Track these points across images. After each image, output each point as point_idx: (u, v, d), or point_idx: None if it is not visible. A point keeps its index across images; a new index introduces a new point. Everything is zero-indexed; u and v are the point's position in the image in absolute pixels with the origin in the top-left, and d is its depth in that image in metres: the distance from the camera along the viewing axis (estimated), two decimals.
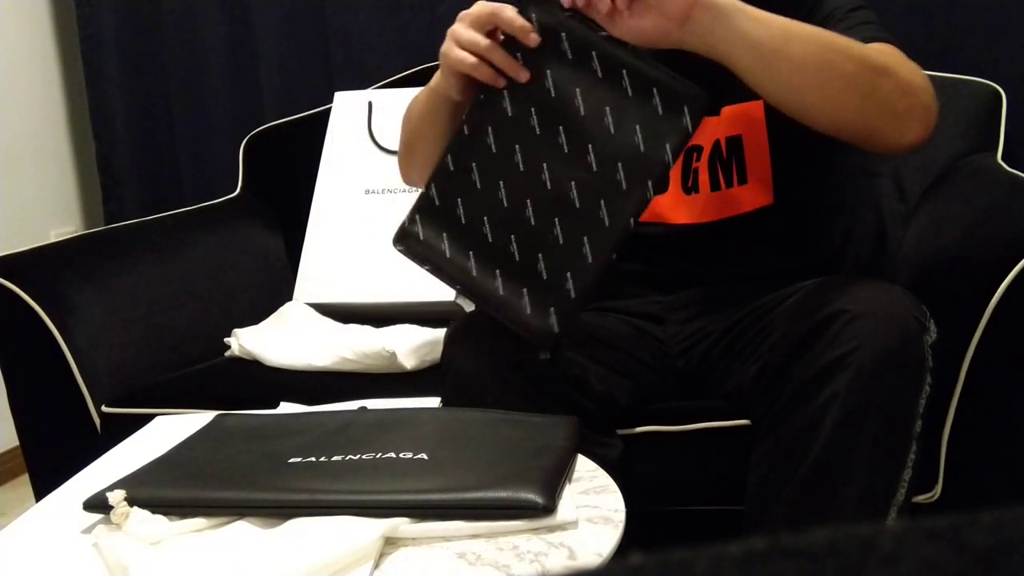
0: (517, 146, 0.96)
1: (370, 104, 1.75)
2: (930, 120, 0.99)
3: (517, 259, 0.96)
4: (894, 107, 0.97)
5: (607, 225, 0.94)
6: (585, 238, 0.94)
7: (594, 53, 0.94)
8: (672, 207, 1.18)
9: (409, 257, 1.01)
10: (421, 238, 1.00)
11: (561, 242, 0.95)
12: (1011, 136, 1.45)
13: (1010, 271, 1.04)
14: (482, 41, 0.95)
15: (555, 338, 0.95)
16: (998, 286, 1.04)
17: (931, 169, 1.44)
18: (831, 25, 1.08)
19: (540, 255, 0.95)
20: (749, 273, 1.18)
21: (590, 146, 0.94)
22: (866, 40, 1.02)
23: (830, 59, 0.94)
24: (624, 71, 0.93)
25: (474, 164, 0.98)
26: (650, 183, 0.93)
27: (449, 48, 0.97)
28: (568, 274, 0.94)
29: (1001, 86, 1.48)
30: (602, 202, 0.94)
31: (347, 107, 1.77)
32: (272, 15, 2.07)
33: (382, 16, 1.99)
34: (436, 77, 1.03)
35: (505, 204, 0.96)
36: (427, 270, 1.01)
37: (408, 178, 1.21)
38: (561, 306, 0.94)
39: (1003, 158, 1.40)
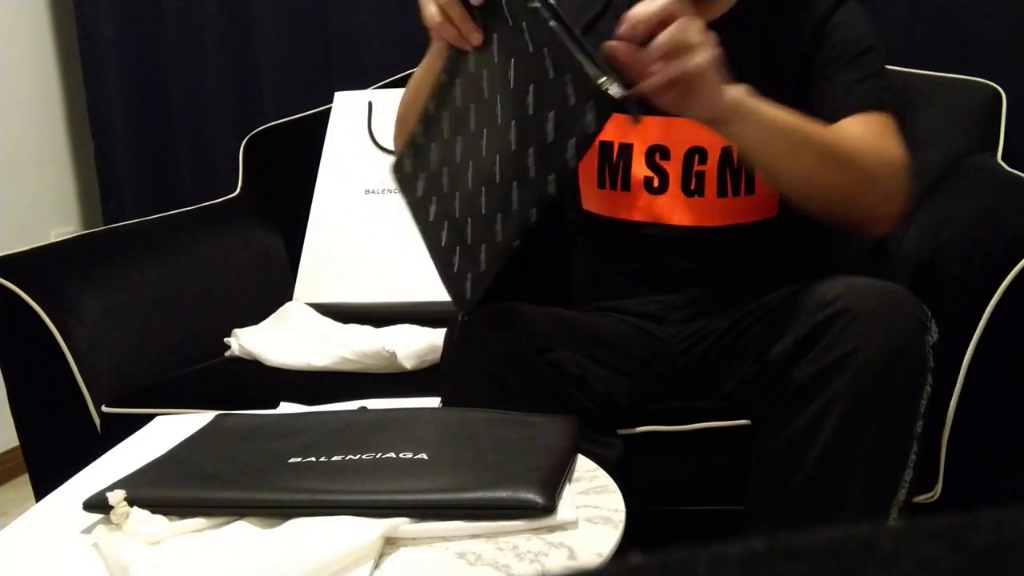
0: (472, 106, 0.94)
1: (370, 104, 1.75)
2: (900, 214, 1.06)
3: (456, 217, 0.95)
4: (874, 212, 1.04)
5: (514, 208, 0.89)
6: (499, 215, 0.90)
7: (525, 24, 0.86)
8: (671, 208, 1.18)
9: (397, 186, 1.02)
10: (405, 171, 1.01)
11: (483, 212, 0.92)
12: (1011, 136, 1.45)
13: (1010, 271, 1.04)
14: None
15: (467, 304, 0.96)
16: (998, 286, 1.04)
17: (931, 169, 1.44)
18: (833, 68, 1.12)
19: (469, 220, 0.94)
20: (749, 273, 1.18)
21: (513, 123, 0.89)
22: (864, 106, 1.08)
23: (826, 171, 0.99)
24: (546, 49, 0.84)
25: (444, 113, 0.97)
26: (550, 178, 0.86)
27: (425, 4, 0.98)
28: (483, 246, 0.92)
29: (1001, 86, 1.48)
30: (514, 184, 0.89)
31: (347, 107, 1.77)
32: (272, 15, 2.08)
33: (382, 16, 1.99)
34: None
35: (457, 160, 0.95)
36: (406, 203, 1.01)
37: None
38: (475, 275, 0.94)
39: (1003, 158, 1.40)
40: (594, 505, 0.79)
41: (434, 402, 1.06)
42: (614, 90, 0.80)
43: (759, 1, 1.19)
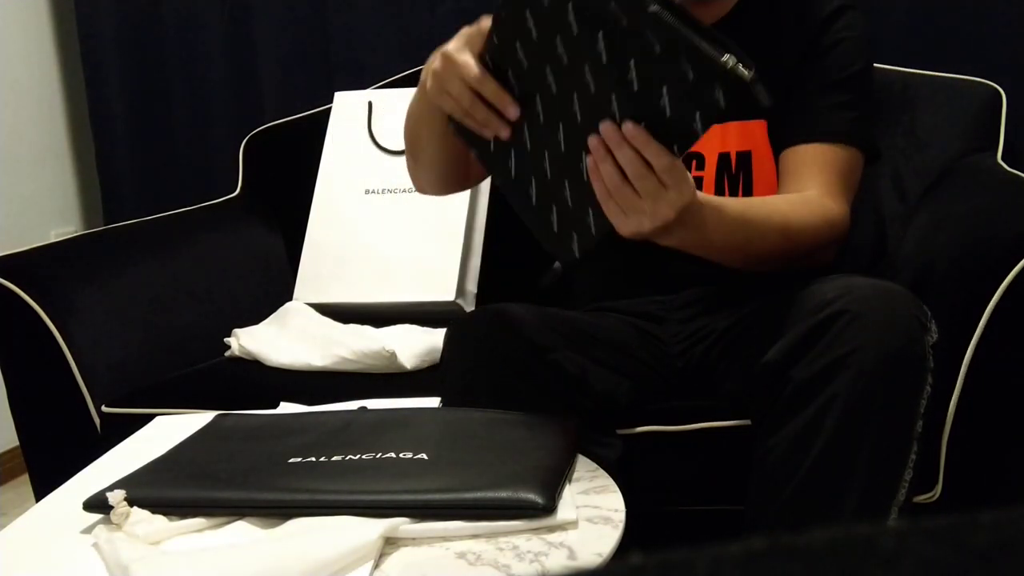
0: (548, 67, 0.89)
1: (370, 104, 1.75)
2: (829, 261, 1.12)
3: (548, 177, 0.92)
4: (805, 264, 1.08)
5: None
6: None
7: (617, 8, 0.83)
8: None
9: (459, 137, 0.98)
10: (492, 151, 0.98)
11: (585, 179, 0.89)
12: (1011, 136, 1.45)
13: (1010, 271, 1.04)
14: (466, 95, 0.91)
15: (574, 263, 0.94)
16: (998, 286, 1.04)
17: (931, 169, 1.44)
18: (816, 86, 1.14)
19: (567, 182, 0.91)
20: (749, 274, 1.18)
21: (613, 96, 0.85)
22: (832, 135, 1.11)
23: (762, 248, 1.02)
24: (649, 32, 0.82)
25: (509, 71, 0.91)
26: (674, 147, 0.84)
27: (444, 79, 0.92)
28: (589, 210, 0.90)
29: (1001, 86, 1.48)
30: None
31: (347, 107, 1.77)
32: (272, 15, 2.08)
33: (382, 16, 2.00)
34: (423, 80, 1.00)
35: (541, 120, 0.91)
36: (474, 155, 0.98)
37: (418, 184, 1.16)
38: (583, 235, 0.92)
39: (1003, 158, 1.40)
40: (594, 505, 0.79)
41: (434, 402, 1.06)
42: (742, 71, 0.78)
43: (756, 5, 1.19)
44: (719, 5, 1.19)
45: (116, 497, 0.76)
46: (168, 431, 1.02)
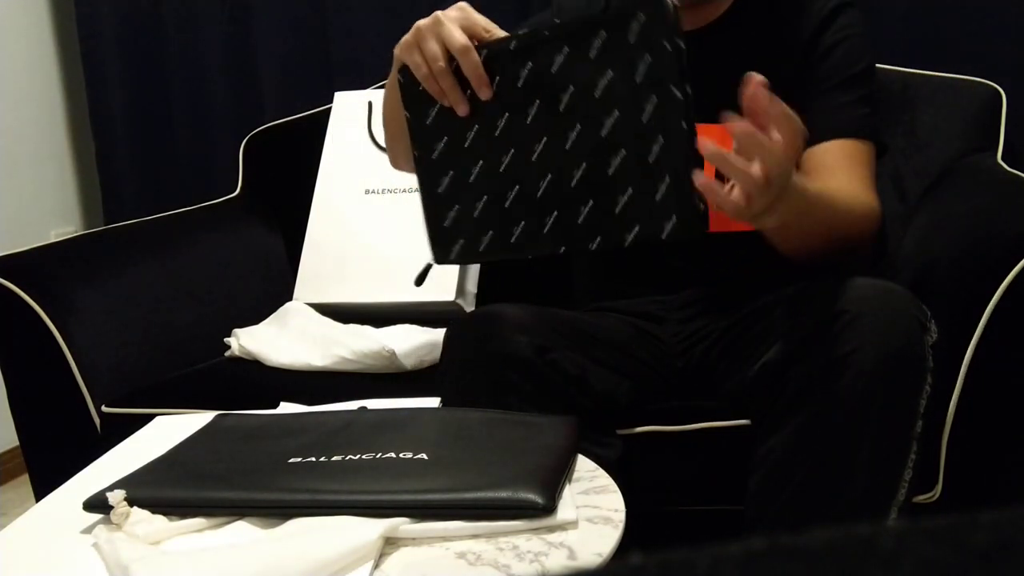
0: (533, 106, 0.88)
1: (370, 104, 1.75)
2: (866, 259, 1.12)
3: (471, 180, 0.91)
4: (844, 259, 1.08)
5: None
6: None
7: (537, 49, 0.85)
8: None
9: (402, 92, 0.95)
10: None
11: (529, 198, 0.88)
12: (1011, 136, 1.45)
13: (1010, 271, 1.04)
14: (441, 58, 0.89)
15: (444, 264, 0.94)
16: (998, 286, 1.04)
17: (931, 169, 1.44)
18: (825, 85, 1.14)
19: (488, 196, 0.91)
20: (749, 274, 1.18)
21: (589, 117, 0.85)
22: (845, 132, 1.11)
23: (834, 230, 1.02)
24: (569, 32, 0.83)
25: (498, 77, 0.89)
26: (595, 242, 0.85)
27: (423, 38, 0.91)
28: (491, 232, 0.90)
29: (1001, 86, 1.48)
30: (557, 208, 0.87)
31: (347, 107, 1.77)
32: (272, 15, 2.08)
33: (382, 16, 2.00)
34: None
35: (498, 130, 0.90)
36: (405, 117, 0.95)
37: (396, 163, 1.15)
38: (468, 247, 0.92)
39: (1003, 158, 1.40)
40: (594, 505, 0.79)
41: (434, 402, 1.06)
42: (699, 212, 0.80)
43: (754, 4, 1.19)
44: (714, 6, 1.20)
45: (116, 497, 0.76)
46: (168, 431, 1.02)
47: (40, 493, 1.39)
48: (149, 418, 1.13)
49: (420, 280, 1.03)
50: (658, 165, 0.81)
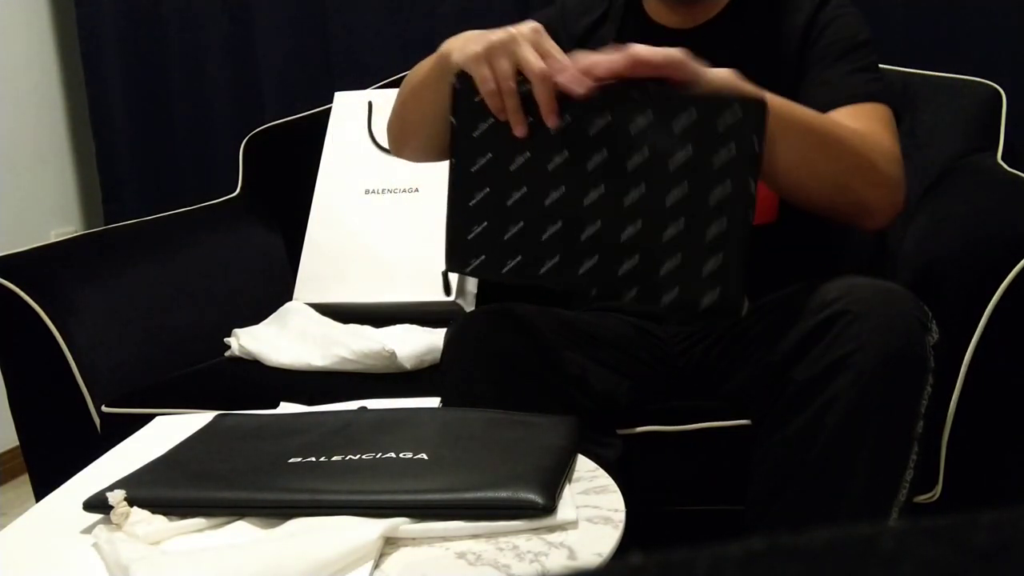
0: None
1: (370, 104, 1.75)
2: (898, 204, 1.04)
3: (509, 204, 0.92)
4: (871, 201, 1.02)
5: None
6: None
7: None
8: None
9: (456, 98, 0.93)
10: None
11: (569, 243, 0.91)
12: (1011, 136, 1.45)
13: (1010, 271, 1.04)
14: (511, 79, 0.87)
15: (456, 272, 0.95)
16: (998, 286, 1.04)
17: (931, 169, 1.44)
18: (828, 60, 1.12)
19: (526, 223, 0.91)
20: (749, 273, 1.18)
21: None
22: (858, 96, 1.07)
23: (821, 159, 0.97)
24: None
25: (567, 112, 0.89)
26: (630, 292, 0.88)
27: (476, 55, 0.88)
28: (520, 257, 0.92)
29: (1001, 86, 1.48)
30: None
31: (347, 107, 1.77)
32: (272, 15, 2.08)
33: (382, 16, 2.00)
34: (449, 48, 0.94)
35: (554, 163, 0.91)
36: (451, 122, 0.94)
37: (400, 152, 1.13)
38: (488, 263, 0.93)
39: (1003, 158, 1.40)
40: (594, 505, 0.79)
41: (434, 402, 1.06)
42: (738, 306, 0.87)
43: (747, 2, 1.19)
44: (710, 4, 1.20)
45: (116, 497, 0.76)
46: (168, 431, 1.02)
47: (40, 493, 1.39)
48: (149, 418, 1.13)
49: (447, 287, 1.02)
50: (714, 243, 0.86)
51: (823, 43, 1.14)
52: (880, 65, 1.17)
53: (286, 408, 1.15)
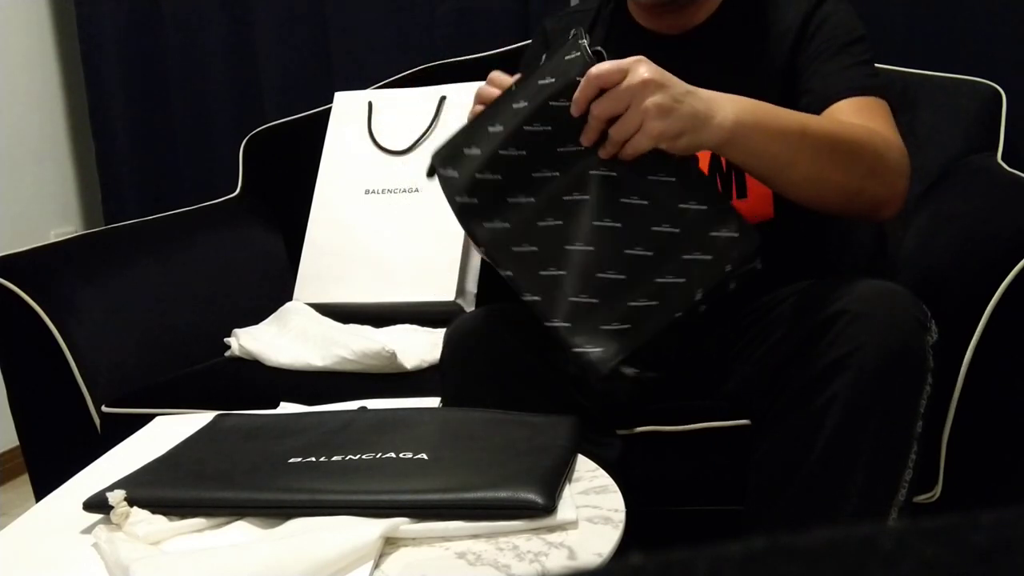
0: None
1: (370, 104, 1.75)
2: (904, 194, 1.04)
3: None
4: (879, 195, 1.02)
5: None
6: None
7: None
8: None
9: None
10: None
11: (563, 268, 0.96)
12: (1011, 136, 1.45)
13: (1010, 271, 1.04)
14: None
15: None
16: (998, 286, 1.04)
17: (931, 169, 1.44)
18: (824, 55, 1.12)
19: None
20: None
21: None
22: (855, 89, 1.07)
23: (828, 165, 0.97)
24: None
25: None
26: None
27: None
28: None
29: (1001, 86, 1.48)
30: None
31: (347, 107, 1.77)
32: (272, 15, 2.08)
33: (382, 16, 2.00)
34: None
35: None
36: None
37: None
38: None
39: (1003, 158, 1.40)
40: (594, 505, 0.79)
41: (434, 402, 1.06)
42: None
43: (739, 4, 1.19)
44: (699, 9, 1.19)
45: (116, 497, 0.76)
46: (168, 431, 1.02)
47: (40, 493, 1.39)
48: (149, 418, 1.13)
49: (431, 172, 1.01)
50: (632, 311, 0.91)
51: (821, 38, 1.14)
52: (877, 64, 1.17)
53: (286, 408, 1.15)
